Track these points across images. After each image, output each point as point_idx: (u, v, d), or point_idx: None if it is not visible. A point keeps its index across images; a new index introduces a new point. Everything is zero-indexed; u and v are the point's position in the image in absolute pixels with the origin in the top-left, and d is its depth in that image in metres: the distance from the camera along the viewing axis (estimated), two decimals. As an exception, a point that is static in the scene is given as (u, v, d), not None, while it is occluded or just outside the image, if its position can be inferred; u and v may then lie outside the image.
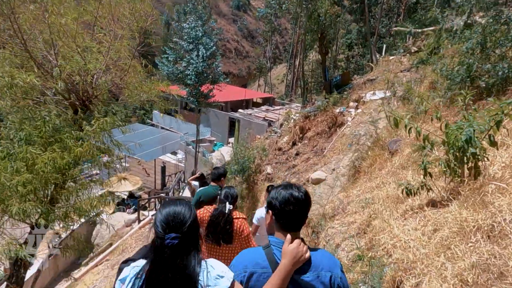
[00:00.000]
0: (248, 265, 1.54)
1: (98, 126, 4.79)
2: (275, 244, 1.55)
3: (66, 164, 4.50)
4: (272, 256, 1.52)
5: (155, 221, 1.43)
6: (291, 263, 1.45)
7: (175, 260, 1.36)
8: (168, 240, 1.34)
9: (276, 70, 63.01)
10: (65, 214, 4.40)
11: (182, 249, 1.37)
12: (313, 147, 8.53)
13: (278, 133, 12.68)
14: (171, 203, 1.46)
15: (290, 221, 1.54)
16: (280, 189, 1.58)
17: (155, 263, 1.37)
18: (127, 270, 1.42)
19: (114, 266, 9.94)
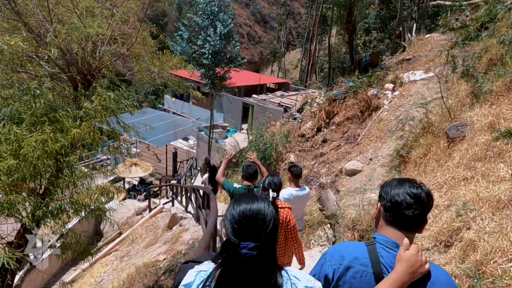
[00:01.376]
0: (346, 256, 1.34)
1: (100, 103, 3.94)
2: (382, 243, 1.31)
3: (60, 149, 3.68)
4: (376, 256, 1.29)
5: (226, 221, 1.18)
6: (407, 272, 1.19)
7: (252, 274, 1.11)
8: (244, 251, 1.09)
9: (289, 56, 61.47)
10: (58, 209, 3.61)
11: (260, 261, 1.11)
12: (344, 134, 7.59)
13: (298, 119, 11.73)
14: (247, 199, 1.19)
15: (407, 219, 1.28)
16: (396, 182, 1.36)
17: (226, 273, 1.14)
18: (191, 275, 1.21)
19: (123, 258, 9.33)
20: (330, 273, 1.32)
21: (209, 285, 1.15)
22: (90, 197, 3.80)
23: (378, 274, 1.25)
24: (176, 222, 9.44)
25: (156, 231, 10.05)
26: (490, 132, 3.65)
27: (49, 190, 3.78)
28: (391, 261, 1.26)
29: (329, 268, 1.33)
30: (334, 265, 1.33)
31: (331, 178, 6.08)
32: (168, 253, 7.34)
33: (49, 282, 10.86)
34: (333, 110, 8.86)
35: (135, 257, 8.90)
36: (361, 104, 7.75)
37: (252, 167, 3.73)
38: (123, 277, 7.08)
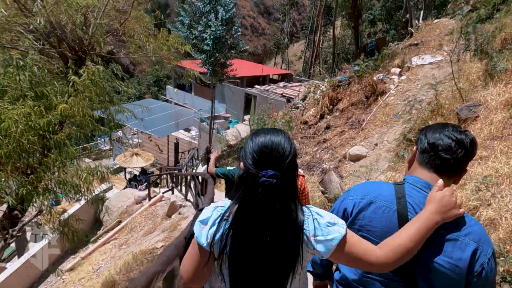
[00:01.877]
0: (370, 192, 1.25)
1: (88, 77, 3.71)
2: (412, 182, 1.21)
3: (47, 125, 3.46)
4: (403, 194, 1.19)
5: (245, 152, 1.12)
6: (438, 212, 1.08)
7: (272, 204, 1.06)
8: (264, 178, 1.04)
9: (293, 48, 60.90)
10: (45, 188, 3.40)
11: (280, 191, 1.06)
12: (348, 119, 7.32)
13: (301, 107, 11.45)
14: (267, 131, 1.13)
15: (445, 162, 1.16)
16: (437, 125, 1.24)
17: (245, 203, 1.08)
18: (208, 211, 1.15)
19: (121, 246, 9.18)
20: (350, 207, 1.26)
21: (227, 219, 1.11)
22: (79, 177, 3.58)
23: (402, 212, 1.17)
24: (175, 211, 9.26)
25: (155, 220, 9.88)
26: (508, 109, 3.38)
27: (35, 169, 3.57)
28: (420, 202, 1.17)
29: (350, 202, 1.27)
30: (356, 199, 1.26)
31: (334, 164, 5.84)
32: (166, 240, 7.16)
33: (48, 269, 10.76)
34: (337, 96, 8.58)
35: (133, 245, 8.74)
36: (366, 89, 7.47)
37: None
38: (120, 264, 6.92)
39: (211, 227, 1.12)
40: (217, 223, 1.11)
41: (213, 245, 1.10)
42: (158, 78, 45.90)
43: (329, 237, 1.08)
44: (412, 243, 1.07)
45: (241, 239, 1.09)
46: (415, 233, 1.08)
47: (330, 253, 1.09)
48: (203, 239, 1.11)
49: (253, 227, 1.07)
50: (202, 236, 1.12)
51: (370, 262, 1.09)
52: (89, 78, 3.68)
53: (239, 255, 1.09)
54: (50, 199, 3.49)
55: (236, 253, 1.09)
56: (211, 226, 1.12)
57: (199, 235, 1.12)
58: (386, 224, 1.18)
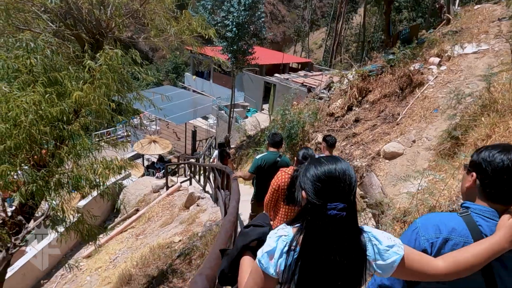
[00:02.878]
0: (442, 229, 1.24)
1: (105, 62, 3.36)
2: (479, 212, 1.22)
3: (60, 114, 3.15)
4: (475, 225, 1.20)
5: (306, 182, 1.11)
6: (508, 240, 1.12)
7: (342, 236, 1.07)
8: (334, 212, 1.04)
9: (313, 36, 59.45)
10: (57, 183, 3.10)
11: (349, 223, 1.07)
12: (380, 112, 6.79)
13: (325, 97, 10.92)
14: (328, 159, 1.12)
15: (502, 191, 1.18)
16: (496, 151, 1.20)
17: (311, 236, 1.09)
18: (272, 241, 1.15)
19: (138, 236, 9.04)
20: (428, 248, 1.25)
21: (294, 249, 1.12)
22: (94, 172, 3.26)
23: None
24: (193, 202, 9.02)
25: (172, 210, 9.69)
26: None
27: (47, 162, 3.27)
28: (491, 231, 1.19)
29: (425, 242, 1.26)
30: (430, 239, 1.25)
31: (367, 161, 5.37)
32: (184, 234, 6.91)
33: (66, 255, 10.81)
34: (367, 87, 8.02)
35: (150, 236, 8.57)
36: (401, 80, 6.88)
37: (278, 135, 4.00)
38: (137, 257, 6.72)
39: (278, 258, 1.13)
40: (284, 254, 1.13)
41: (279, 273, 1.13)
42: (176, 65, 45.81)
43: (389, 261, 1.12)
44: (476, 262, 1.12)
45: (310, 269, 1.11)
46: (481, 253, 1.12)
47: (390, 274, 1.13)
48: (271, 270, 1.14)
49: (322, 257, 1.09)
50: (270, 267, 1.14)
51: (431, 274, 1.15)
52: (106, 63, 3.32)
53: (308, 283, 1.12)
54: (61, 195, 3.19)
55: (305, 281, 1.11)
56: (279, 257, 1.13)
57: (268, 266, 1.15)
58: None
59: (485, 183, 1.21)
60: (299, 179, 1.19)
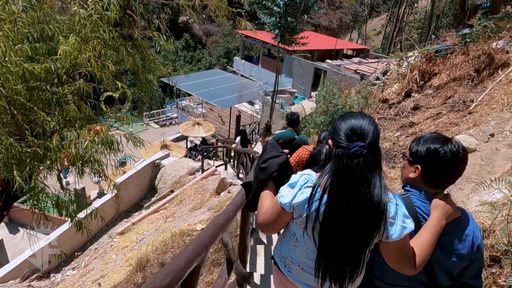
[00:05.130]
0: None
1: (96, 10, 2.73)
2: (416, 195, 1.44)
3: (45, 73, 2.62)
4: (412, 205, 1.41)
5: (336, 130, 1.28)
6: (443, 217, 1.35)
7: (363, 172, 1.20)
8: (355, 148, 1.20)
9: (371, 23, 55.88)
10: (32, 154, 2.57)
11: (369, 162, 1.21)
12: (447, 99, 5.57)
13: (380, 83, 9.67)
14: (357, 114, 1.29)
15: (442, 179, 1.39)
16: (437, 145, 1.38)
17: (339, 175, 1.21)
18: (295, 177, 1.34)
19: (167, 218, 8.74)
20: None
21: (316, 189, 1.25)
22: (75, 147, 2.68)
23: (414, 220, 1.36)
24: (225, 188, 8.47)
25: (204, 195, 9.25)
26: None
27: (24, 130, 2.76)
28: (426, 210, 1.40)
29: None
30: None
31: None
32: (208, 222, 6.35)
33: (102, 230, 10.96)
34: (431, 69, 6.74)
35: (178, 220, 8.21)
36: (477, 60, 5.57)
37: (295, 114, 4.11)
38: (159, 241, 6.33)
39: (297, 191, 1.29)
40: (304, 188, 1.28)
41: (294, 207, 1.29)
42: (228, 50, 45.80)
43: (404, 225, 1.26)
44: (429, 247, 1.32)
45: (335, 206, 1.21)
46: (429, 238, 1.32)
47: (398, 238, 1.25)
48: (286, 199, 1.30)
49: (347, 196, 1.20)
50: (287, 197, 1.30)
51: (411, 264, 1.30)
52: (97, 11, 2.68)
53: (332, 220, 1.22)
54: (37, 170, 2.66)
55: (330, 218, 1.23)
56: (297, 190, 1.29)
57: (284, 196, 1.31)
58: None
59: (429, 174, 1.39)
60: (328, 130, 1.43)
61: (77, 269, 9.10)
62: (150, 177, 12.76)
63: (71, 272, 9.01)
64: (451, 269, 1.40)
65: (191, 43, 46.80)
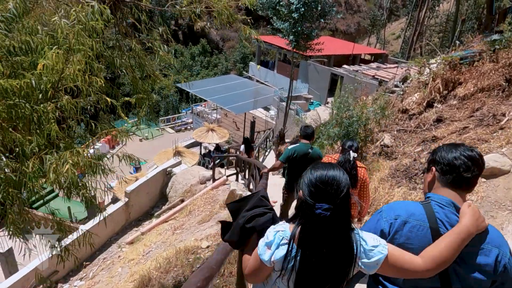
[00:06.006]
0: (401, 214, 1.43)
1: (79, 21, 2.48)
2: (438, 201, 1.40)
3: (26, 89, 2.39)
4: (432, 212, 1.37)
5: (303, 184, 1.32)
6: (474, 225, 1.27)
7: (327, 233, 1.25)
8: (319, 211, 1.23)
9: (390, 27, 54.83)
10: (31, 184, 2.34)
11: (334, 222, 1.24)
12: (474, 111, 5.09)
13: (399, 91, 9.18)
14: (324, 165, 1.32)
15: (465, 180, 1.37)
16: (449, 146, 1.44)
17: (305, 231, 1.28)
18: (270, 235, 1.36)
19: (175, 230, 8.48)
20: (387, 228, 1.42)
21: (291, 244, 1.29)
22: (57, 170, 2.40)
23: (434, 228, 1.34)
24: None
25: (213, 206, 8.96)
26: None
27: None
28: (447, 217, 1.35)
29: (385, 223, 1.44)
30: (390, 220, 1.43)
31: (452, 178, 3.85)
32: (215, 238, 6.05)
33: (111, 239, 10.82)
34: (456, 78, 6.25)
35: (186, 233, 7.94)
36: (509, 69, 5.07)
37: (310, 127, 4.16)
38: (163, 257, 6.05)
39: (274, 249, 1.32)
40: (280, 246, 1.32)
41: (274, 263, 1.33)
42: (244, 55, 45.83)
43: (373, 260, 1.28)
44: (450, 252, 1.25)
45: (307, 260, 1.28)
46: (452, 243, 1.25)
47: (375, 271, 1.29)
48: (266, 257, 1.34)
49: (316, 250, 1.26)
50: (265, 255, 1.34)
51: (413, 270, 1.27)
52: (80, 22, 2.42)
53: (306, 271, 1.29)
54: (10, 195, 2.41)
55: (304, 270, 1.29)
56: (274, 250, 1.32)
57: (263, 254, 1.35)
58: (422, 240, 1.35)
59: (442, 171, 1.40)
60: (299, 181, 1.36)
61: (84, 279, 8.97)
62: (161, 185, 12.58)
63: (79, 282, 8.87)
64: (471, 286, 1.31)
65: (208, 48, 47.05)
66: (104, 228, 10.79)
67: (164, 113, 35.97)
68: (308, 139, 4.06)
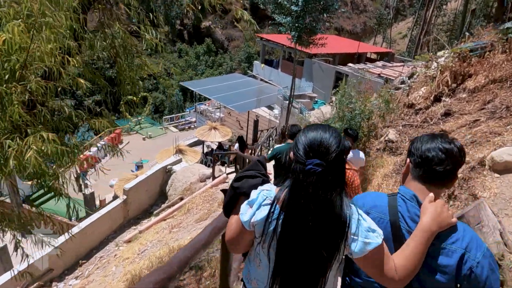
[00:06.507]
0: (366, 204, 1.41)
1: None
2: (403, 194, 1.34)
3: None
4: (395, 205, 1.33)
5: (296, 143, 1.23)
6: (435, 223, 1.20)
7: (316, 191, 1.14)
8: (310, 166, 1.15)
9: (397, 27, 54.24)
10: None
11: (325, 181, 1.15)
12: (485, 104, 4.76)
13: (405, 86, 8.86)
14: (319, 127, 1.26)
15: (437, 174, 1.27)
16: (427, 137, 1.35)
17: (294, 191, 1.18)
18: (254, 193, 1.28)
19: (173, 229, 8.23)
20: None
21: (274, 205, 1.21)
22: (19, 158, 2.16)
23: (394, 222, 1.30)
24: (233, 198, 7.89)
25: (212, 204, 8.72)
26: None
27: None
28: (408, 211, 1.29)
29: None
30: None
31: (462, 173, 3.57)
32: (210, 237, 5.77)
33: (108, 237, 10.61)
34: (466, 70, 5.93)
35: (182, 231, 7.70)
36: (522, 59, 4.77)
37: (297, 126, 3.96)
38: (156, 257, 5.82)
39: (255, 209, 1.24)
40: (262, 206, 1.23)
41: (254, 226, 1.24)
42: (249, 54, 45.60)
43: (367, 240, 1.16)
44: (417, 257, 1.18)
45: (291, 224, 1.16)
46: (417, 247, 1.19)
47: (362, 255, 1.17)
48: (245, 217, 1.25)
49: (302, 214, 1.15)
50: (246, 215, 1.25)
51: (388, 277, 1.18)
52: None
53: (289, 239, 1.17)
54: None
55: (286, 237, 1.17)
56: (256, 209, 1.23)
57: (244, 213, 1.26)
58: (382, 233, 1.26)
59: (416, 163, 1.32)
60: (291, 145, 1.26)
61: (80, 278, 8.77)
62: (161, 183, 12.36)
63: (74, 281, 8.67)
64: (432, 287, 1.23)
65: (213, 47, 46.88)
66: (101, 226, 10.61)
67: (169, 112, 35.82)
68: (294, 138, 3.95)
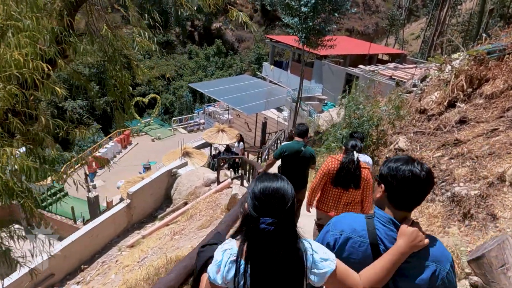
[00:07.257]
0: (345, 229, 1.48)
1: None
2: (380, 218, 1.42)
3: None
4: (373, 228, 1.41)
5: (248, 197, 1.27)
6: (408, 245, 1.32)
7: (272, 248, 1.21)
8: (263, 225, 1.18)
9: (410, 28, 53.29)
10: None
11: (278, 236, 1.20)
12: (504, 111, 4.40)
13: (417, 90, 8.49)
14: (269, 177, 1.27)
15: (406, 201, 1.37)
16: (398, 164, 1.38)
17: (252, 246, 1.23)
18: (218, 254, 1.31)
19: (174, 236, 8.03)
20: (332, 242, 1.48)
21: (239, 261, 1.24)
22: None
23: (374, 244, 1.38)
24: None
25: (215, 211, 8.48)
26: None
27: None
28: (386, 234, 1.37)
29: (331, 237, 1.49)
30: (335, 235, 1.49)
31: (480, 189, 3.23)
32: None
33: (112, 241, 10.48)
34: (483, 74, 5.56)
35: (184, 239, 7.49)
36: (546, 62, 4.39)
37: (304, 125, 4.17)
38: (153, 267, 5.60)
39: (224, 270, 1.27)
40: (229, 265, 1.27)
41: (227, 283, 1.28)
42: (259, 55, 45.40)
43: (322, 271, 1.27)
44: (384, 273, 1.31)
45: (258, 275, 1.23)
46: (387, 265, 1.31)
47: (322, 282, 1.28)
48: (219, 280, 1.28)
49: (264, 263, 1.22)
50: (218, 278, 1.28)
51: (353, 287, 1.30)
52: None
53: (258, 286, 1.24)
54: None
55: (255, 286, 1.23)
56: (224, 270, 1.27)
57: (215, 278, 1.28)
58: (363, 255, 1.40)
59: (391, 193, 1.37)
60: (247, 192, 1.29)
61: (81, 283, 8.65)
62: (166, 186, 12.20)
63: (75, 286, 8.55)
64: None
65: (223, 49, 46.82)
66: (105, 229, 10.49)
67: (178, 113, 35.82)
68: (301, 136, 4.04)
